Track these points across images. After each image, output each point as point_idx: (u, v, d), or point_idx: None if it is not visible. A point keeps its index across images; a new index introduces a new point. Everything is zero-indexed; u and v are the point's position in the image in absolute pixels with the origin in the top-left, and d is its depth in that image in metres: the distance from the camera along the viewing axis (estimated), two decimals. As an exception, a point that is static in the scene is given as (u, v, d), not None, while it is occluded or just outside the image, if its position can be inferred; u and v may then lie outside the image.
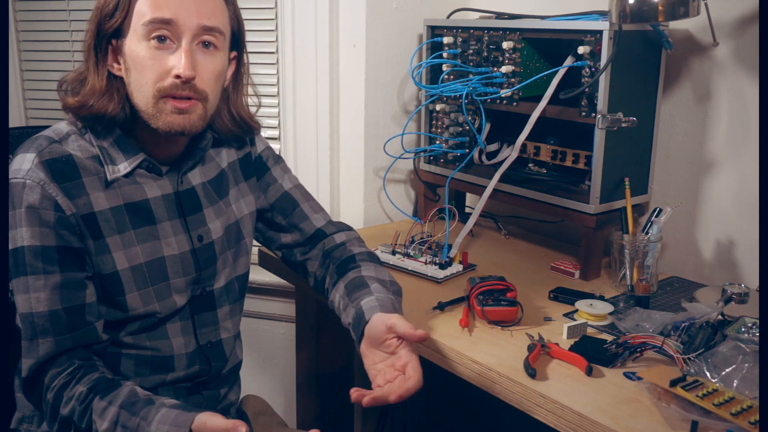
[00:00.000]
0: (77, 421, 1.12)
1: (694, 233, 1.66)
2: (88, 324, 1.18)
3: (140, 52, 1.16)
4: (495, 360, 1.24)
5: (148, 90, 1.16)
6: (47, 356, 1.16)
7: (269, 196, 1.43)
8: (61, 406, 1.14)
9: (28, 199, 1.14)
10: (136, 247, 1.21)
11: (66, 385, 1.14)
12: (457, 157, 1.86)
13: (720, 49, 1.56)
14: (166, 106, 1.16)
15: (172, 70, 1.15)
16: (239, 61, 1.29)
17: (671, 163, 1.69)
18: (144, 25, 1.14)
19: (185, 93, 1.16)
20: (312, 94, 1.98)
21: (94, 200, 1.18)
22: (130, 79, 1.18)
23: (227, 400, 1.38)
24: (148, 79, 1.16)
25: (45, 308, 1.15)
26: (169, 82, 1.15)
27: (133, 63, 1.17)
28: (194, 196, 1.29)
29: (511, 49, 1.68)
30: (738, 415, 1.01)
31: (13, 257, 1.16)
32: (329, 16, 1.91)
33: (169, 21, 1.14)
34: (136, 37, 1.16)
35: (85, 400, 1.12)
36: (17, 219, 1.15)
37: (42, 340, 1.15)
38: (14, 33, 2.37)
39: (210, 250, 1.30)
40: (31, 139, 1.20)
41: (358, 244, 1.42)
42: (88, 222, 1.17)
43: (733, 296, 1.35)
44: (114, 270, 1.19)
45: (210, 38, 1.18)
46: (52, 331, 1.15)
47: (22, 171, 1.15)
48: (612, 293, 1.52)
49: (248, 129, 1.35)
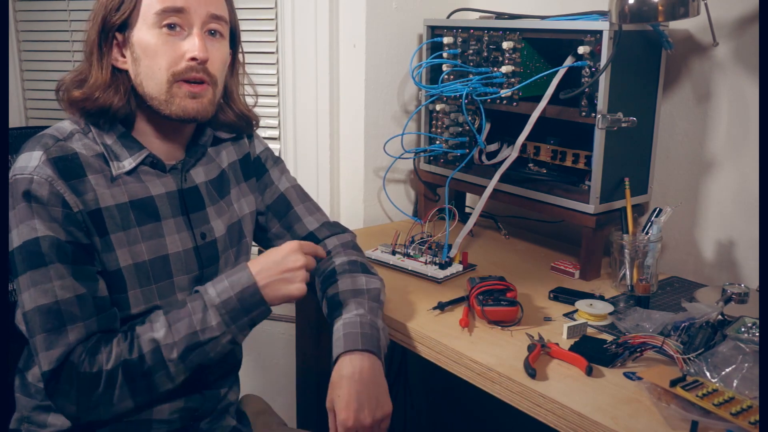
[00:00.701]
0: (128, 356, 1.13)
1: (694, 233, 1.66)
2: (110, 308, 1.18)
3: (151, 39, 1.18)
4: (495, 360, 1.24)
5: (161, 75, 1.19)
6: (77, 341, 1.14)
7: (266, 198, 1.45)
8: (102, 364, 1.13)
9: (36, 195, 1.13)
10: (140, 244, 1.22)
11: (95, 348, 1.14)
12: (457, 157, 1.86)
13: (720, 49, 1.56)
14: (180, 90, 1.19)
15: (186, 54, 1.19)
16: (234, 58, 1.33)
17: (671, 163, 1.69)
18: (156, 14, 1.18)
19: (199, 76, 1.20)
20: (312, 94, 1.98)
21: (101, 197, 1.18)
22: (140, 68, 1.20)
23: (227, 399, 1.38)
24: (161, 65, 1.18)
25: (71, 294, 1.14)
26: (184, 65, 1.19)
27: (143, 51, 1.19)
28: (197, 194, 1.30)
29: (511, 49, 1.68)
30: (738, 415, 1.01)
31: (25, 250, 1.14)
32: (329, 16, 1.91)
33: (180, 9, 1.18)
34: (146, 26, 1.19)
35: (126, 339, 1.14)
36: (26, 212, 1.14)
37: (71, 327, 1.13)
38: (14, 33, 2.38)
39: (213, 248, 1.31)
40: (36, 137, 1.20)
41: (343, 252, 1.41)
42: (94, 218, 1.17)
43: (733, 296, 1.35)
44: (117, 267, 1.19)
45: (217, 26, 1.23)
46: (81, 316, 1.14)
47: (29, 168, 1.15)
48: (612, 293, 1.52)
49: (248, 121, 1.38)
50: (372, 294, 1.32)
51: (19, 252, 1.15)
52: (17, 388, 1.29)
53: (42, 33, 2.34)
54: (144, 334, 1.16)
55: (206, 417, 1.33)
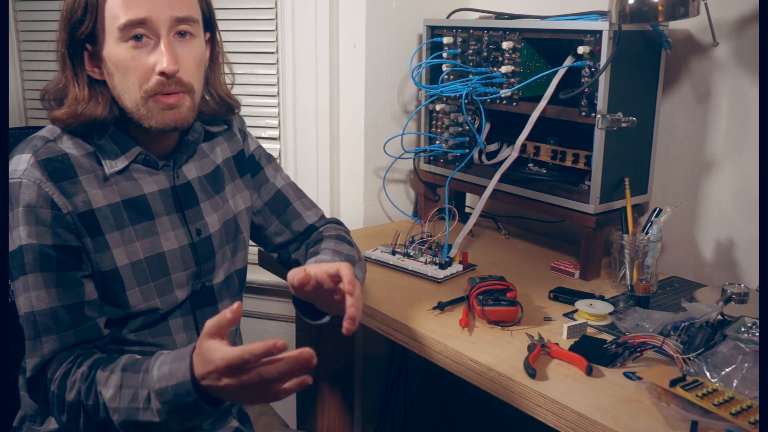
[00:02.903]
0: (84, 399, 1.11)
1: (694, 233, 1.66)
2: (89, 320, 1.18)
3: (120, 55, 1.15)
4: (495, 360, 1.24)
5: (135, 92, 1.16)
6: (52, 354, 1.15)
7: (263, 195, 1.45)
8: (66, 392, 1.13)
9: (24, 198, 1.14)
10: (135, 243, 1.22)
11: (68, 373, 1.14)
12: (457, 157, 1.86)
13: (720, 49, 1.56)
14: (156, 105, 1.17)
15: (156, 68, 1.15)
16: (213, 41, 1.30)
17: (671, 163, 1.69)
18: (119, 28, 1.14)
19: (172, 89, 1.16)
20: (312, 94, 1.98)
21: (92, 197, 1.18)
22: (115, 82, 1.18)
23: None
24: (133, 82, 1.16)
25: (46, 305, 1.15)
26: (155, 81, 1.15)
27: (115, 67, 1.17)
28: (190, 190, 1.30)
29: (510, 49, 1.68)
30: (738, 415, 1.01)
31: (13, 258, 1.16)
32: (329, 16, 1.91)
33: (143, 20, 1.14)
34: (113, 40, 1.15)
35: (88, 378, 1.12)
36: (15, 219, 1.15)
37: (45, 338, 1.15)
38: (14, 33, 2.38)
39: (208, 244, 1.31)
40: (26, 140, 1.20)
41: (335, 230, 1.45)
42: (86, 220, 1.17)
43: (733, 296, 1.35)
44: (114, 267, 1.20)
45: (185, 27, 1.18)
46: (55, 329, 1.15)
47: (18, 171, 1.15)
48: (612, 293, 1.52)
49: (229, 108, 1.35)
50: (349, 258, 1.35)
51: (12, 257, 1.17)
52: (21, 387, 1.30)
53: (42, 33, 2.34)
54: (99, 385, 1.10)
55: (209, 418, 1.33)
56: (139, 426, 1.07)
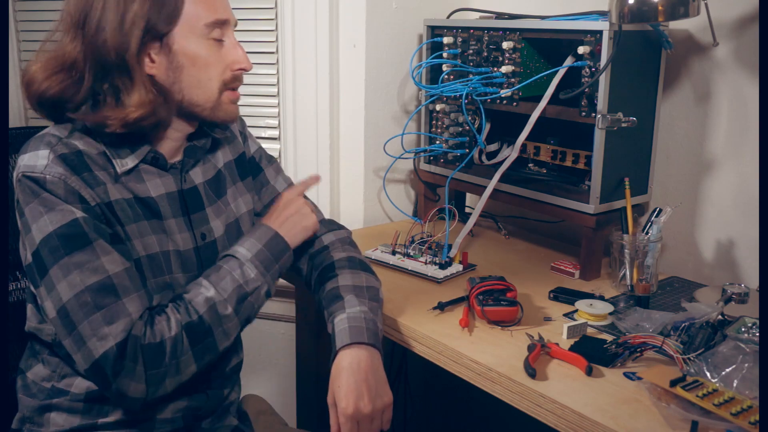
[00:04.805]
0: (189, 318, 1.15)
1: (694, 233, 1.66)
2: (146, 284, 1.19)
3: (201, 50, 1.20)
4: (495, 360, 1.24)
5: (212, 85, 1.22)
6: (138, 313, 1.12)
7: (263, 197, 1.45)
8: (166, 331, 1.13)
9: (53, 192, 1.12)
10: (151, 236, 1.22)
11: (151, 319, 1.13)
12: (457, 157, 1.86)
13: (720, 49, 1.56)
14: (227, 97, 1.25)
15: (234, 65, 1.24)
16: None
17: (671, 163, 1.69)
18: (207, 25, 1.20)
19: (238, 84, 1.27)
20: (312, 94, 1.98)
21: (109, 191, 1.18)
22: (182, 76, 1.20)
23: (229, 399, 1.38)
24: (211, 75, 1.22)
25: (120, 267, 1.13)
26: (231, 75, 1.24)
27: (192, 61, 1.20)
28: (197, 194, 1.30)
29: (511, 49, 1.68)
30: (738, 415, 1.01)
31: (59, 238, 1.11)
32: (329, 17, 1.92)
33: (225, 21, 1.23)
34: (194, 35, 1.19)
35: (178, 305, 1.17)
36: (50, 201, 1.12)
37: (127, 299, 1.12)
38: (14, 33, 2.38)
39: (213, 249, 1.31)
40: (37, 137, 1.18)
41: (341, 247, 1.41)
42: (111, 209, 1.17)
43: (733, 296, 1.35)
44: (137, 257, 1.20)
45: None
46: (134, 288, 1.14)
47: (38, 167, 1.13)
48: (612, 293, 1.52)
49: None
50: (372, 293, 1.32)
51: (51, 240, 1.11)
52: (19, 389, 1.29)
53: (42, 33, 2.33)
54: (196, 297, 1.18)
55: (208, 416, 1.33)
56: (247, 297, 1.22)
